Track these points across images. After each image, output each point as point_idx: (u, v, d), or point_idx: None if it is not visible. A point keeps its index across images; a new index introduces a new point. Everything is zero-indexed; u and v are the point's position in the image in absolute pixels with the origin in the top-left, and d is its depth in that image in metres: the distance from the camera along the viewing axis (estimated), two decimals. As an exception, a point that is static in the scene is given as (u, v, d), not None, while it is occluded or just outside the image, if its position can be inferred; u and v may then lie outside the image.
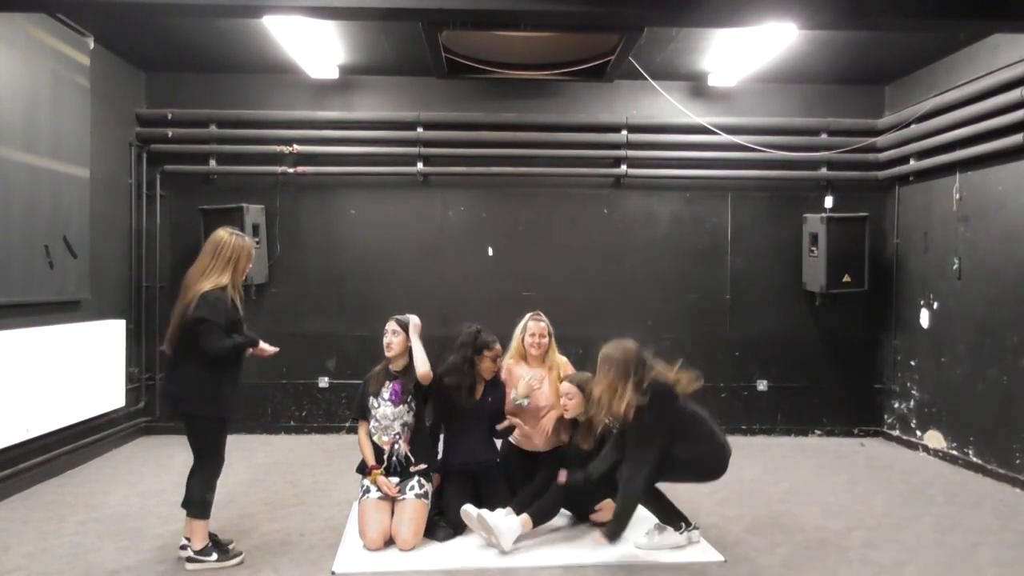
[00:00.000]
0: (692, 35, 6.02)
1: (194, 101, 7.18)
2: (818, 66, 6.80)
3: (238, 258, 3.99)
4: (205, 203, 6.91)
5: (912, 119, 6.82)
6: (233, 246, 3.98)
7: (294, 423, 7.33)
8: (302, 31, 5.74)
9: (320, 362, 7.32)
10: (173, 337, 3.95)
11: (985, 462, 6.04)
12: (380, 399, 4.48)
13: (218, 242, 3.98)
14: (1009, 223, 5.82)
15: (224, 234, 4.02)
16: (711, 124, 7.16)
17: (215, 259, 3.93)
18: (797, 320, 7.47)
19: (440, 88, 7.11)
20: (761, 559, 4.17)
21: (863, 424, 7.51)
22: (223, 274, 3.91)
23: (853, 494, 5.49)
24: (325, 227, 7.34)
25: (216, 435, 4.00)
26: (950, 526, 4.78)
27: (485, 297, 7.19)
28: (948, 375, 6.52)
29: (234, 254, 3.97)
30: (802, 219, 7.28)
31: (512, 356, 4.94)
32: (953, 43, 6.24)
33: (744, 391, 7.48)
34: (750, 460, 6.46)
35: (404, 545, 4.17)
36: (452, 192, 7.36)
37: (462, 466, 4.61)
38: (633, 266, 7.42)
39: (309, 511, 4.94)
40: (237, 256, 3.98)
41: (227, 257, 3.94)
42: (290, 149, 7.14)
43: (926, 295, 6.82)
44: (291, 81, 7.18)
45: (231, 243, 3.98)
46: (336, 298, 7.31)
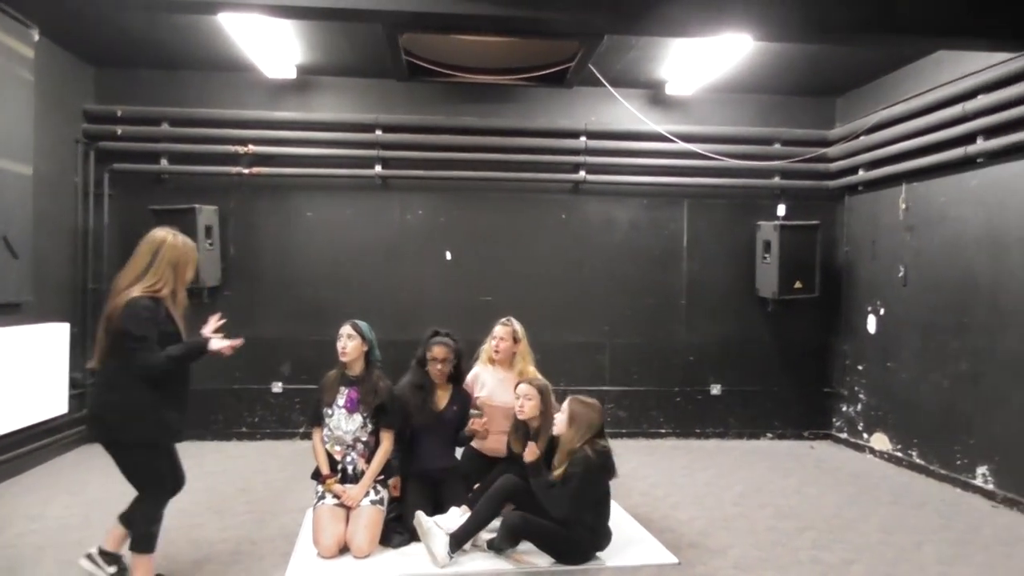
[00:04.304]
0: (651, 44, 6.09)
1: (145, 98, 7.01)
2: (772, 77, 6.95)
3: (183, 263, 3.55)
4: (156, 203, 6.73)
5: (861, 131, 7.00)
6: (176, 251, 3.53)
7: (246, 429, 7.19)
8: (259, 29, 5.64)
9: (274, 367, 7.21)
10: (101, 352, 3.44)
11: (928, 463, 6.22)
12: (335, 407, 4.42)
13: (157, 243, 3.51)
14: (951, 233, 6.01)
15: (164, 235, 3.55)
16: (668, 132, 7.25)
17: (153, 263, 3.46)
18: (750, 325, 7.61)
19: (400, 91, 7.07)
20: (714, 561, 4.23)
21: (813, 427, 7.67)
22: (160, 281, 3.45)
23: (803, 496, 5.61)
24: (280, 229, 7.23)
25: (160, 461, 3.54)
26: (895, 526, 4.91)
27: (443, 302, 7.16)
28: (893, 379, 6.71)
29: (177, 258, 3.52)
30: (756, 226, 7.42)
31: (481, 360, 5.04)
32: (900, 58, 6.43)
33: (698, 395, 7.58)
34: (703, 463, 6.55)
35: (359, 552, 4.12)
36: (410, 196, 7.32)
37: (422, 472, 4.59)
38: (591, 271, 7.47)
39: (261, 519, 4.85)
40: (178, 261, 3.52)
41: (168, 261, 3.49)
42: (245, 149, 7.02)
43: (873, 302, 7.01)
44: (247, 80, 7.07)
45: (173, 245, 3.52)
46: (291, 302, 7.20)
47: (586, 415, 4.20)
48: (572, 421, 4.20)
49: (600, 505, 4.17)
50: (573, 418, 4.20)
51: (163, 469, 3.57)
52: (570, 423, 4.20)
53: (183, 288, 3.58)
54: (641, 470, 6.20)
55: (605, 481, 4.18)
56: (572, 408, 4.24)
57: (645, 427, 7.51)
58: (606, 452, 4.15)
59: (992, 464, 5.56)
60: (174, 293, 3.53)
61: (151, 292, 3.42)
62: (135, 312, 3.33)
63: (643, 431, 7.50)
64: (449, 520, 4.20)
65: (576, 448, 4.12)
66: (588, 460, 4.06)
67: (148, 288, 3.42)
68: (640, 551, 4.34)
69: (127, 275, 3.47)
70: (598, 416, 4.25)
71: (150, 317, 3.36)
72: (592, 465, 4.06)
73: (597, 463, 4.08)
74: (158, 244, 3.51)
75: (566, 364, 7.10)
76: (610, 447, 4.23)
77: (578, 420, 4.19)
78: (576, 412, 4.22)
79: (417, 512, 4.15)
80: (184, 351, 3.47)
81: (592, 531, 4.12)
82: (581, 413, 4.21)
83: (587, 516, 4.10)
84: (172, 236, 3.56)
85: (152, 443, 3.48)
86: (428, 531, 4.05)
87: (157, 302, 3.42)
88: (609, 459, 4.16)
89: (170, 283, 3.49)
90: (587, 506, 4.09)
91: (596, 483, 4.11)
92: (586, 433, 4.16)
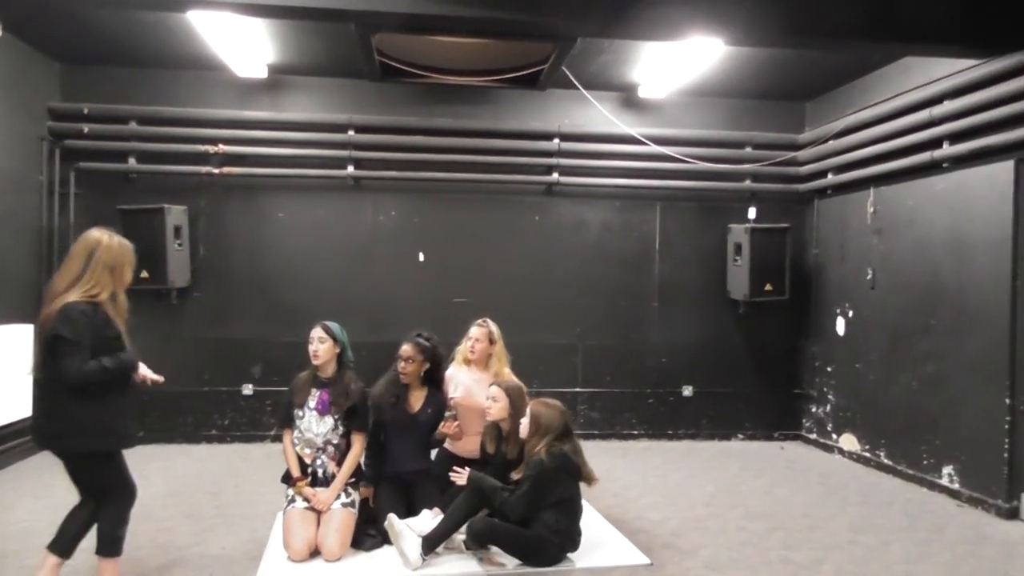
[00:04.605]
0: (623, 47, 6.12)
1: (113, 96, 6.90)
2: (743, 81, 7.02)
3: (120, 265, 3.43)
4: (124, 203, 6.64)
5: (830, 135, 7.09)
6: (113, 252, 3.40)
7: (216, 432, 7.10)
8: (229, 28, 5.58)
9: (244, 368, 7.13)
10: (38, 360, 3.30)
11: (895, 463, 6.32)
12: (306, 409, 4.37)
13: (92, 245, 3.37)
14: (918, 236, 6.11)
15: (100, 236, 3.41)
16: (641, 135, 7.29)
17: (88, 266, 3.33)
18: (721, 327, 7.67)
19: (373, 91, 7.04)
20: (685, 562, 4.25)
21: (783, 428, 7.75)
22: (97, 284, 3.32)
23: (773, 496, 5.66)
24: (251, 230, 7.15)
25: (114, 468, 3.45)
26: (863, 525, 4.98)
27: (416, 303, 7.13)
28: (862, 380, 6.80)
29: (113, 260, 3.40)
30: (727, 229, 7.49)
31: (457, 362, 5.06)
32: (869, 64, 6.53)
33: (670, 396, 7.62)
34: (675, 464, 6.59)
35: (330, 556, 4.09)
36: (383, 196, 7.29)
37: (395, 474, 4.57)
38: (564, 273, 7.48)
39: (231, 523, 4.79)
40: (115, 263, 3.41)
41: (104, 264, 3.36)
42: (215, 149, 6.94)
43: (842, 304, 7.10)
44: (217, 79, 6.98)
45: (109, 247, 3.39)
46: (262, 303, 7.13)
47: (547, 417, 4.19)
48: (533, 423, 4.19)
49: (564, 506, 4.14)
50: (534, 420, 4.19)
51: (119, 473, 3.49)
52: (532, 426, 4.19)
53: (122, 291, 3.47)
54: (614, 471, 6.22)
55: (566, 483, 4.15)
56: (534, 410, 4.24)
57: (618, 429, 7.54)
58: (562, 454, 4.11)
59: (957, 464, 5.65)
60: (113, 296, 3.41)
61: (88, 297, 3.31)
62: (69, 317, 3.22)
63: (616, 433, 7.53)
64: (421, 523, 4.18)
65: (537, 451, 4.11)
66: (542, 463, 4.05)
67: (85, 293, 3.30)
68: (612, 552, 4.36)
69: (62, 279, 3.34)
70: (560, 417, 4.23)
71: (86, 323, 3.25)
72: (546, 468, 4.04)
73: (551, 466, 4.05)
74: (93, 246, 3.38)
75: (539, 366, 7.10)
76: (571, 448, 4.20)
77: (539, 422, 4.18)
78: (537, 414, 4.21)
79: (389, 515, 4.12)
80: (116, 364, 3.34)
81: (558, 533, 4.11)
82: (542, 415, 4.20)
83: (548, 517, 4.08)
84: (107, 237, 3.43)
85: (98, 452, 3.39)
86: (400, 533, 4.02)
87: (95, 307, 3.31)
88: (567, 460, 4.12)
89: (108, 286, 3.37)
90: (543, 508, 4.07)
91: (551, 485, 4.07)
92: (546, 435, 4.14)
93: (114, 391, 3.38)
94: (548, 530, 4.08)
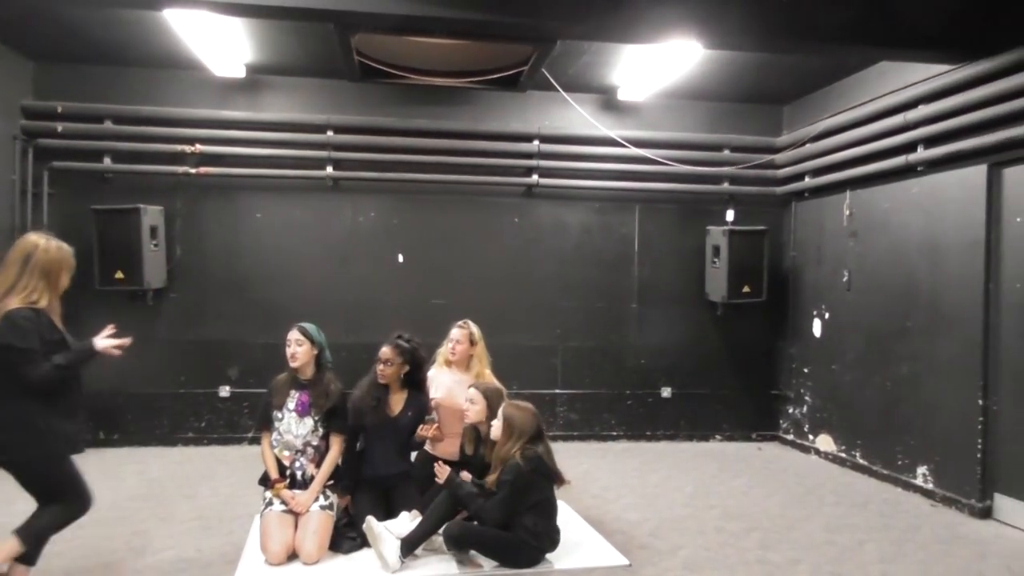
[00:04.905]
0: (603, 49, 6.14)
1: (88, 94, 6.81)
2: (721, 85, 7.07)
3: (56, 271, 3.38)
4: (98, 203, 6.56)
5: (807, 138, 7.16)
6: (49, 257, 3.36)
7: (193, 434, 7.03)
8: (207, 27, 5.53)
9: (221, 370, 7.06)
10: None
11: (871, 463, 6.39)
12: (285, 410, 4.35)
13: (28, 250, 3.32)
14: (894, 239, 6.18)
15: (36, 240, 3.37)
16: (620, 137, 7.32)
17: (24, 271, 3.29)
18: (700, 329, 7.71)
19: (352, 91, 7.00)
20: (664, 562, 4.27)
21: (760, 429, 7.81)
22: (35, 291, 3.29)
23: (751, 496, 5.70)
24: (229, 230, 7.09)
25: (65, 472, 3.41)
26: (839, 525, 5.03)
27: (395, 305, 7.11)
28: (838, 381, 6.87)
29: (50, 265, 3.35)
30: (705, 231, 7.53)
31: (438, 363, 5.07)
32: (845, 68, 6.60)
33: (649, 398, 7.65)
34: (654, 465, 6.62)
35: (308, 559, 4.06)
36: (362, 197, 7.25)
37: (375, 477, 4.54)
38: (543, 275, 7.49)
39: (207, 526, 4.74)
40: (51, 268, 3.36)
41: (41, 269, 3.32)
42: (192, 149, 6.87)
43: (819, 306, 7.17)
44: (194, 78, 6.92)
45: (46, 251, 3.35)
46: (239, 304, 7.07)
47: (520, 420, 4.18)
48: (506, 426, 4.17)
49: (541, 508, 4.14)
50: (507, 423, 4.18)
51: (72, 479, 3.44)
52: (505, 428, 4.18)
53: (56, 297, 3.42)
54: (593, 472, 6.23)
55: (541, 485, 4.15)
56: (506, 413, 4.22)
57: (597, 430, 7.56)
58: (537, 457, 4.10)
59: (932, 464, 5.73)
60: (51, 302, 3.38)
61: (29, 303, 3.28)
62: (15, 324, 3.20)
63: (595, 434, 7.55)
64: (400, 525, 4.17)
65: (511, 454, 4.10)
66: (518, 467, 4.03)
67: (24, 299, 3.27)
68: (591, 553, 4.37)
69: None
70: (532, 420, 4.21)
71: (32, 328, 3.22)
72: (522, 472, 4.03)
73: (527, 469, 4.04)
74: (29, 251, 3.34)
75: (518, 367, 7.10)
76: (545, 450, 4.19)
77: (512, 425, 4.16)
78: (511, 417, 4.19)
79: (367, 517, 4.10)
80: (72, 358, 3.34)
81: (535, 535, 4.11)
82: (515, 417, 4.18)
83: (526, 520, 4.08)
84: (44, 241, 3.39)
85: (47, 457, 3.34)
86: (379, 536, 4.01)
87: (38, 312, 3.29)
88: (541, 463, 4.12)
89: (44, 293, 3.34)
90: (521, 511, 4.07)
91: (528, 489, 4.07)
92: (520, 438, 4.13)
93: (60, 394, 3.34)
94: (527, 532, 4.08)
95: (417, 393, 4.74)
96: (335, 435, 4.40)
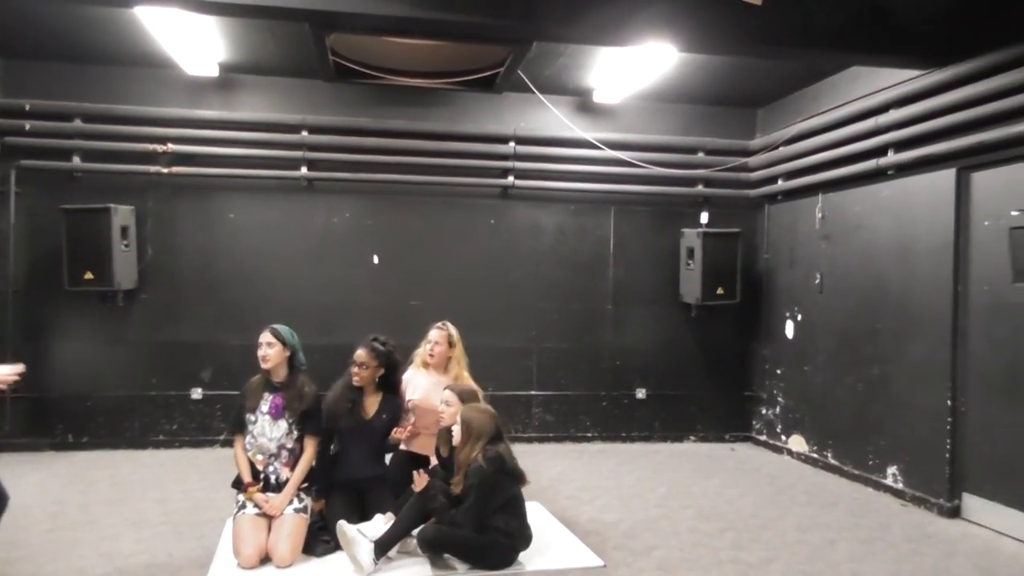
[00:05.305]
0: (579, 52, 6.16)
1: (57, 92, 6.69)
2: (696, 88, 7.12)
3: None
4: (68, 202, 6.44)
5: (780, 142, 7.24)
6: None
7: (164, 437, 6.94)
8: (179, 25, 5.46)
9: (194, 372, 6.98)
10: None
11: (842, 464, 6.46)
12: (259, 413, 4.31)
13: None
14: (865, 242, 6.27)
15: None
16: (596, 139, 7.35)
17: None
18: (674, 330, 7.76)
19: (327, 91, 6.96)
20: (639, 563, 4.29)
21: (734, 430, 7.87)
22: None
23: (724, 497, 5.75)
24: (201, 231, 7.01)
25: None
26: (811, 525, 5.08)
27: (370, 306, 7.07)
28: (810, 383, 6.94)
29: None
30: (680, 233, 7.58)
31: (415, 364, 5.04)
32: (817, 72, 6.68)
33: (624, 399, 7.69)
34: (629, 467, 6.64)
35: (281, 562, 4.02)
36: (337, 198, 7.21)
37: (348, 480, 4.51)
38: (519, 276, 7.50)
39: (178, 530, 4.68)
40: None
41: None
42: (164, 148, 6.78)
43: (791, 307, 7.25)
44: (167, 77, 6.83)
45: None
46: (212, 305, 6.99)
47: (478, 421, 4.16)
48: (465, 429, 4.15)
49: (510, 507, 4.13)
50: (466, 426, 4.16)
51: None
52: (464, 432, 4.16)
53: None
54: (568, 474, 6.24)
55: (507, 484, 4.14)
56: (465, 416, 4.20)
57: (572, 431, 7.58)
58: (498, 456, 4.09)
59: (901, 464, 5.81)
60: None
61: None
62: None
63: (570, 435, 7.56)
64: (374, 528, 4.15)
65: (472, 457, 4.08)
66: (482, 470, 4.02)
67: None
68: (565, 554, 4.37)
69: None
70: (490, 421, 4.20)
71: None
72: (486, 474, 4.02)
73: (491, 470, 4.03)
74: None
75: (494, 369, 7.09)
76: (506, 449, 4.18)
77: (471, 428, 4.15)
78: (468, 419, 4.17)
79: (339, 522, 4.07)
80: None
81: (508, 534, 4.10)
82: (473, 420, 4.17)
83: (498, 521, 4.07)
84: None
85: None
86: (352, 540, 3.98)
87: None
88: (503, 463, 4.11)
89: None
90: (491, 513, 4.06)
91: (494, 490, 4.06)
92: (480, 439, 4.12)
93: None
94: (500, 534, 4.07)
95: (391, 395, 4.72)
96: (309, 438, 4.37)
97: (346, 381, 4.62)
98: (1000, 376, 5.02)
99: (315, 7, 4.41)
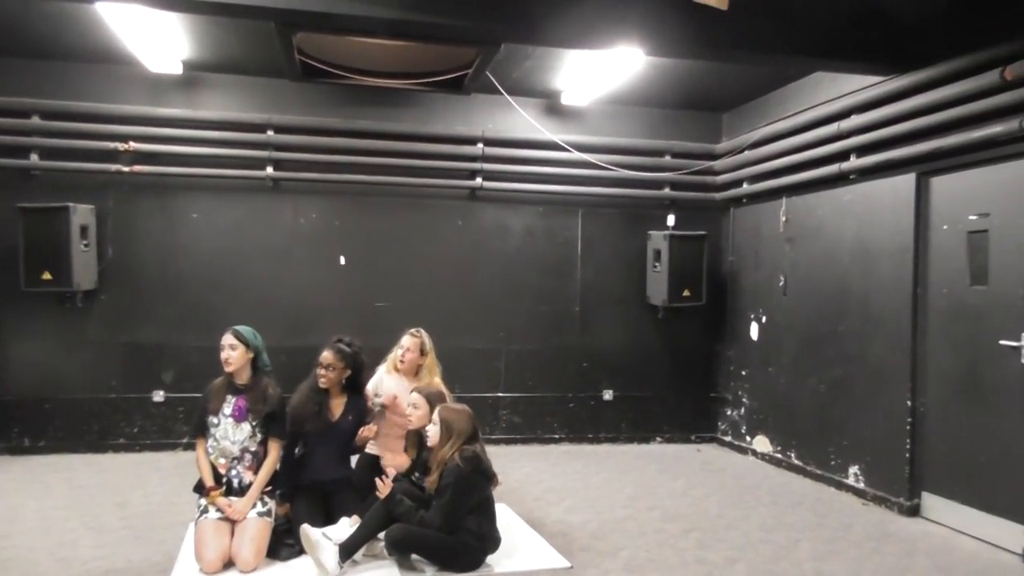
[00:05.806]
0: (547, 54, 6.17)
1: (13, 88, 6.53)
2: (663, 91, 7.18)
3: None
4: (25, 201, 6.30)
5: (745, 146, 7.32)
6: None
7: (124, 440, 6.80)
8: (141, 21, 5.35)
9: (155, 374, 6.85)
10: None
11: (805, 464, 6.55)
12: (221, 416, 4.24)
13: None
14: (827, 245, 6.36)
15: None
16: (563, 141, 7.37)
17: None
18: (641, 332, 7.81)
19: (293, 91, 6.88)
20: (605, 563, 4.30)
21: (699, 431, 7.94)
22: None
23: (690, 497, 5.79)
24: (164, 231, 6.89)
25: None
26: (775, 524, 5.14)
27: (337, 307, 7.01)
28: (774, 384, 7.03)
29: None
30: (647, 236, 7.63)
31: (386, 367, 5.05)
32: (782, 77, 6.77)
33: (591, 400, 7.71)
34: (596, 468, 6.66)
35: (245, 567, 3.97)
36: (304, 198, 7.13)
37: (314, 483, 4.47)
38: (487, 278, 7.49)
39: (138, 535, 4.59)
40: None
41: None
42: (125, 146, 6.66)
43: (756, 310, 7.33)
44: (128, 74, 6.70)
45: None
46: (175, 306, 6.87)
47: (458, 422, 4.18)
48: (444, 429, 4.17)
49: (482, 509, 4.14)
50: (445, 426, 4.17)
51: None
52: (443, 431, 4.17)
53: None
54: (535, 475, 6.25)
55: (481, 485, 4.15)
56: (443, 416, 4.21)
57: (540, 433, 7.58)
58: (475, 456, 4.10)
59: (863, 464, 5.90)
60: None
61: None
62: None
63: (538, 437, 7.57)
64: (339, 531, 4.11)
65: (448, 457, 4.09)
66: (459, 469, 4.02)
67: None
68: (532, 556, 4.37)
69: None
70: (468, 421, 4.22)
71: None
72: (463, 473, 4.02)
73: (467, 470, 4.04)
74: None
75: (462, 370, 7.07)
76: (481, 449, 4.20)
77: (450, 427, 4.16)
78: (446, 419, 4.19)
79: (303, 525, 4.03)
80: None
81: (479, 536, 4.10)
82: (452, 420, 4.18)
83: (470, 523, 4.07)
84: None
85: None
86: (316, 544, 3.94)
87: None
88: (479, 463, 4.12)
89: None
90: (464, 514, 4.06)
91: (470, 489, 4.07)
92: (458, 439, 4.13)
93: None
94: (470, 535, 4.06)
95: (357, 397, 4.69)
96: (273, 440, 4.32)
97: (312, 383, 4.58)
98: (958, 377, 5.13)
99: (281, 6, 4.36)
